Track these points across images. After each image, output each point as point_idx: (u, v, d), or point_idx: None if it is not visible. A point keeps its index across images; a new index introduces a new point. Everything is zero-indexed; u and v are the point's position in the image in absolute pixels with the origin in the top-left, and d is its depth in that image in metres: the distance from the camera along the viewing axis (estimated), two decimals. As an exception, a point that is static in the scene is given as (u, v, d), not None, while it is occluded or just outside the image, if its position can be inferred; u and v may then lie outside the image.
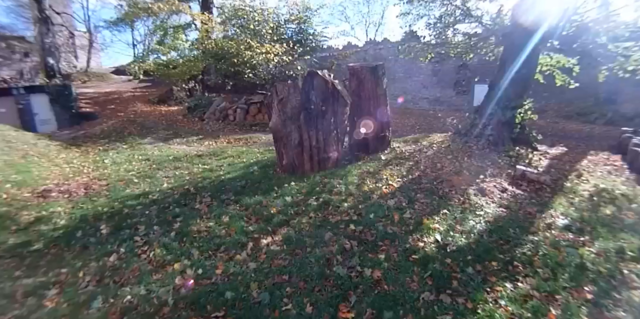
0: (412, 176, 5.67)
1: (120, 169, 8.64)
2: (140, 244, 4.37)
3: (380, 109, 6.99)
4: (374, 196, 4.91)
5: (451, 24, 8.85)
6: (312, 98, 5.70)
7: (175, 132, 12.77)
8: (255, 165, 7.23)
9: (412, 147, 7.61)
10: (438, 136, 8.87)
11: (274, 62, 13.10)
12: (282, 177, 6.15)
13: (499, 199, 4.80)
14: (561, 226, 4.11)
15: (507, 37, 7.05)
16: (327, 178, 5.83)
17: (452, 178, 5.39)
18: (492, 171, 5.76)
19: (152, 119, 15.88)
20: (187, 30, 21.86)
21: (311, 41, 15.58)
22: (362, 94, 6.87)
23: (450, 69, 17.26)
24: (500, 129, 6.78)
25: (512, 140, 6.80)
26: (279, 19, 15.38)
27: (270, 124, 5.99)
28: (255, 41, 13.17)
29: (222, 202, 5.42)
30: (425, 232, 3.86)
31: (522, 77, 6.75)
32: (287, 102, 5.64)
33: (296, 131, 5.84)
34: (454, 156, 6.61)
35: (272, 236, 4.17)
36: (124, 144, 11.67)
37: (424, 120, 13.71)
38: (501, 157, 6.36)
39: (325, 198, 4.92)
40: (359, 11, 48.22)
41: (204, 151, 9.38)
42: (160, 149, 10.36)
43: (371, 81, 6.82)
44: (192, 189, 6.22)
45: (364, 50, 20.30)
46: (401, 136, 9.82)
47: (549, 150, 7.32)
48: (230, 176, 6.78)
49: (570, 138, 10.09)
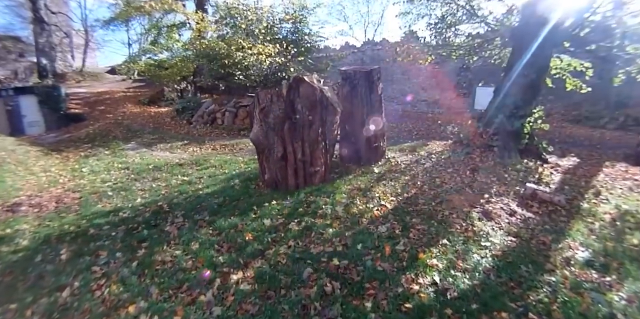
0: (407, 194, 5.05)
1: (97, 179, 8.06)
2: (98, 276, 3.80)
3: (374, 117, 6.38)
4: (363, 219, 4.29)
5: (454, 25, 8.23)
6: (298, 107, 5.08)
7: (160, 137, 12.16)
8: (237, 177, 6.62)
9: (408, 158, 6.99)
10: (437, 144, 8.26)
11: (266, 63, 12.48)
12: (263, 194, 5.54)
13: (507, 224, 4.18)
14: (582, 261, 3.48)
15: (516, 38, 6.43)
16: (313, 195, 5.22)
17: (453, 197, 4.77)
18: (498, 189, 5.13)
19: (140, 122, 15.30)
20: (181, 29, 21.30)
21: (306, 41, 14.93)
22: (355, 101, 6.26)
23: (451, 71, 16.61)
24: (506, 140, 6.16)
25: (519, 151, 6.17)
26: (274, 18, 14.74)
27: (251, 136, 5.38)
28: (247, 41, 12.56)
29: (194, 224, 4.83)
30: (422, 270, 3.24)
31: (531, 83, 6.13)
32: (270, 111, 5.03)
33: (279, 143, 5.22)
34: (455, 169, 6.00)
35: (244, 271, 3.56)
36: (106, 150, 11.09)
37: (422, 124, 13.07)
38: (508, 171, 5.74)
39: (308, 222, 4.30)
40: (358, 11, 47.51)
41: (187, 159, 8.78)
42: (142, 156, 9.76)
43: (365, 87, 6.21)
44: (165, 206, 5.64)
45: (362, 51, 19.64)
46: (397, 142, 9.21)
47: (559, 161, 6.69)
48: (208, 191, 6.18)
49: (580, 145, 9.45)
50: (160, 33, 20.27)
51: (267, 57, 12.58)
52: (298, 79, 4.94)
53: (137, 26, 27.70)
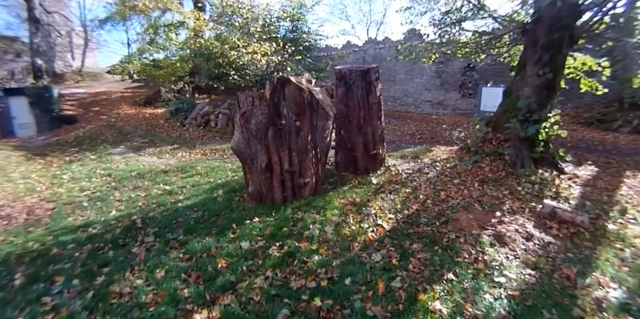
0: (408, 211, 4.45)
1: (75, 188, 7.54)
2: (47, 310, 3.26)
3: (372, 121, 5.78)
4: (355, 244, 3.69)
5: (459, 20, 7.59)
6: (283, 111, 4.49)
7: (150, 140, 11.61)
8: (222, 188, 6.04)
9: (410, 166, 6.38)
10: (442, 150, 7.63)
11: (262, 62, 11.89)
12: (247, 209, 4.96)
13: (524, 251, 3.56)
14: (616, 303, 2.86)
15: (528, 34, 5.80)
16: (302, 211, 4.64)
17: (460, 216, 4.16)
18: (511, 205, 4.51)
19: (133, 124, 14.77)
20: (179, 29, 20.76)
21: (305, 40, 14.32)
22: (351, 103, 5.66)
23: (456, 70, 15.94)
24: (519, 147, 5.53)
25: (533, 160, 5.54)
26: (271, 16, 14.15)
27: (232, 144, 4.79)
28: (242, 40, 11.97)
29: (166, 245, 4.27)
30: (422, 318, 2.64)
31: (546, 83, 5.49)
32: (251, 116, 4.44)
33: (263, 152, 4.63)
34: (462, 180, 5.38)
35: (210, 310, 2.98)
36: (92, 154, 10.56)
37: (425, 126, 12.41)
38: (521, 183, 5.11)
39: (292, 247, 3.71)
40: (360, 9, 46.76)
41: (173, 166, 8.22)
42: (128, 162, 9.22)
43: (362, 88, 5.60)
44: (139, 222, 5.09)
45: (363, 50, 19.03)
46: (399, 147, 8.59)
47: (576, 170, 6.04)
48: (188, 203, 5.61)
49: (594, 151, 8.77)
50: (157, 32, 19.77)
51: (263, 56, 11.99)
52: (283, 79, 4.35)
53: (137, 26, 27.30)
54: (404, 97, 17.77)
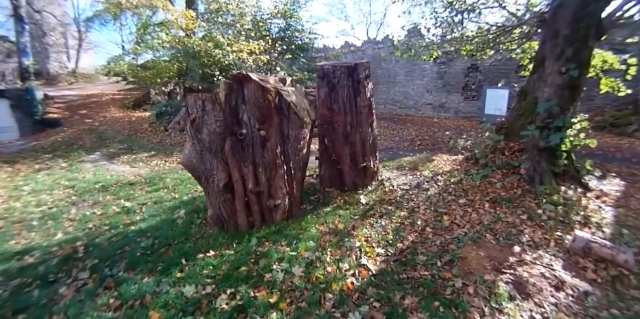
0: (402, 244, 3.53)
1: (32, 202, 6.68)
2: None
3: (361, 127, 4.87)
4: (329, 295, 2.78)
5: (464, 12, 6.68)
6: (243, 117, 3.59)
7: (129, 146, 10.75)
8: (186, 206, 5.15)
9: (407, 180, 5.46)
10: (444, 159, 6.70)
11: (249, 62, 11.02)
12: (206, 236, 4.07)
13: (554, 307, 2.64)
14: None
15: (547, 24, 4.89)
16: (270, 241, 3.75)
17: (468, 252, 3.24)
18: (531, 235, 3.59)
19: (116, 128, 13.94)
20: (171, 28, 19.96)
21: (297, 38, 13.45)
22: (335, 107, 4.76)
23: (458, 71, 15.00)
24: (537, 159, 4.61)
25: (554, 175, 4.62)
26: (261, 13, 13.28)
27: (182, 158, 3.89)
28: (226, 38, 11.11)
29: (99, 284, 3.41)
30: None
31: (569, 82, 4.58)
32: (202, 124, 3.55)
33: (221, 169, 3.73)
34: (469, 199, 4.46)
35: None
36: (64, 162, 9.71)
37: (426, 131, 11.48)
38: (541, 204, 4.18)
39: (245, 297, 2.81)
40: (360, 9, 45.87)
41: (142, 177, 7.34)
42: (97, 171, 8.34)
43: (348, 88, 4.70)
44: (81, 250, 4.27)
45: (362, 50, 18.15)
46: (396, 155, 7.68)
47: (602, 185, 5.11)
48: (143, 226, 4.72)
49: (612, 159, 7.81)
50: (146, 32, 18.99)
51: (250, 55, 11.11)
52: (240, 77, 3.45)
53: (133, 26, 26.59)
54: (404, 99, 16.85)
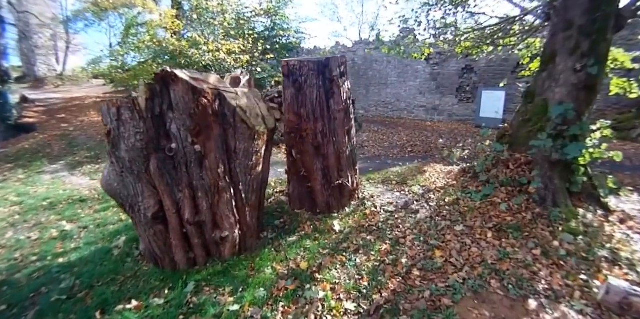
0: (380, 296, 2.65)
1: (-33, 223, 5.74)
2: None
3: (335, 136, 4.00)
4: None
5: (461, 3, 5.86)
6: (171, 128, 2.72)
7: (96, 155, 9.82)
8: (128, 232, 4.24)
9: (393, 199, 4.59)
10: (438, 170, 5.85)
11: (228, 62, 10.16)
12: (139, 275, 3.17)
13: None
14: None
15: (559, 13, 4.07)
16: (211, 284, 2.86)
17: (468, 313, 2.37)
18: (549, 280, 2.72)
19: (90, 133, 12.99)
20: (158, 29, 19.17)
21: (282, 37, 12.62)
22: (303, 112, 3.89)
23: (452, 72, 14.23)
24: (549, 175, 3.77)
25: (568, 193, 3.78)
26: (244, 10, 12.45)
27: (101, 181, 3.00)
28: (203, 37, 10.26)
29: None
30: None
31: (586, 81, 3.76)
32: (119, 138, 2.67)
33: (148, 194, 2.85)
34: (467, 226, 3.60)
35: None
36: (23, 173, 8.74)
37: (419, 136, 10.63)
38: (557, 232, 3.33)
39: None
40: (352, 10, 45.13)
41: (97, 191, 6.43)
42: (53, 184, 7.41)
43: (318, 88, 3.83)
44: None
45: (352, 51, 17.36)
46: (384, 165, 6.81)
47: (621, 203, 4.28)
48: (73, 258, 3.80)
49: (621, 167, 6.95)
50: (130, 33, 18.18)
51: (230, 55, 10.25)
52: (164, 75, 2.58)
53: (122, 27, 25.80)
54: (395, 101, 16.04)
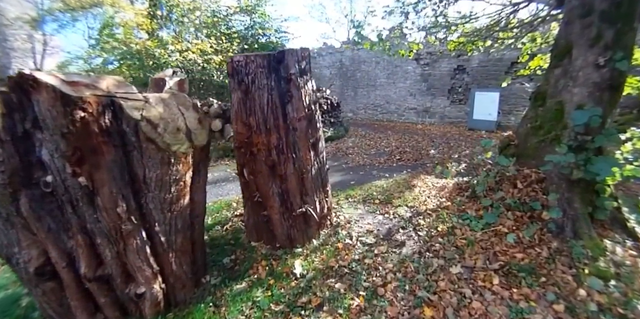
0: None
1: None
2: None
3: (296, 152, 3.16)
4: None
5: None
6: (41, 153, 1.86)
7: None
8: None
9: (374, 225, 3.76)
10: (429, 185, 5.05)
11: (198, 64, 9.29)
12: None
13: None
14: None
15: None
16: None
17: None
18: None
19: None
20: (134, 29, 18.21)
21: (262, 37, 11.79)
22: (252, 120, 3.03)
23: (444, 72, 13.54)
24: (568, 197, 2.98)
25: (591, 219, 3.01)
26: (219, 8, 11.60)
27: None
28: (171, 36, 9.39)
29: None
30: None
31: (610, 79, 3.00)
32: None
33: (26, 243, 1.98)
34: (467, 267, 2.78)
35: None
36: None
37: (409, 140, 9.86)
38: (583, 276, 2.53)
39: None
40: (341, 11, 44.54)
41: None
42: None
43: (269, 89, 2.96)
44: None
45: (340, 52, 16.65)
46: (368, 176, 5.99)
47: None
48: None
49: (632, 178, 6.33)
50: (102, 34, 17.23)
51: (201, 56, 9.38)
52: (20, 78, 1.73)
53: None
54: (385, 104, 15.30)
